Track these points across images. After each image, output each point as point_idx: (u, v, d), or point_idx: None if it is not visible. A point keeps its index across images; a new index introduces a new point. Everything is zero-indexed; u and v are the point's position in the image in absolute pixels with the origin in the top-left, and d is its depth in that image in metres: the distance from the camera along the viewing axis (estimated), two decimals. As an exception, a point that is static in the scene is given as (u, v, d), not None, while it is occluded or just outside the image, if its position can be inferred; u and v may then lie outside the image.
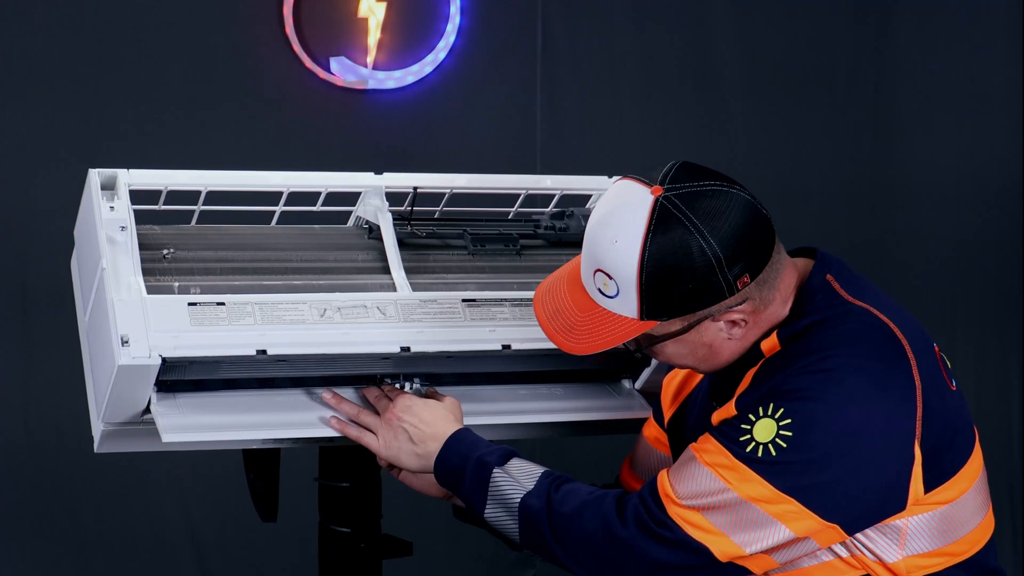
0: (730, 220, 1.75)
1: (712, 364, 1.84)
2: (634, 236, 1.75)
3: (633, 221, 1.76)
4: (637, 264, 1.74)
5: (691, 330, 1.78)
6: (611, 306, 1.79)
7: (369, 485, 2.12)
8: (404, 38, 3.97)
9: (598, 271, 1.79)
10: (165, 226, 2.03)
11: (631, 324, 1.78)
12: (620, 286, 1.76)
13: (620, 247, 1.75)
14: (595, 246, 1.79)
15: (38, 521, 3.76)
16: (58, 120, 3.71)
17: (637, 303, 1.76)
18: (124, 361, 1.83)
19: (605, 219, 1.79)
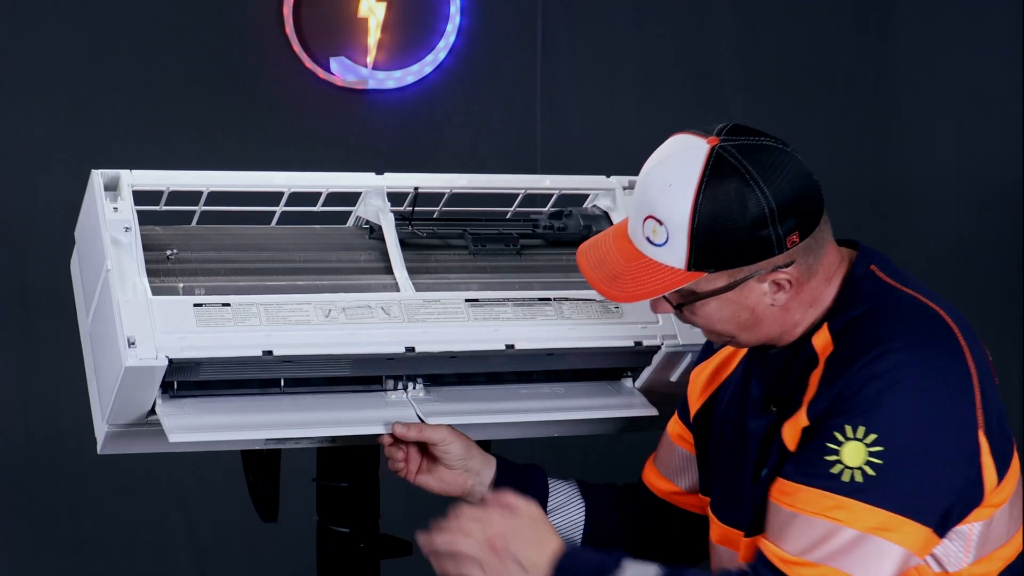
0: (785, 175, 1.74)
1: (752, 334, 1.81)
2: (688, 181, 1.73)
3: (689, 167, 1.74)
4: (690, 209, 1.72)
5: (736, 288, 1.75)
6: (658, 255, 1.76)
7: (367, 485, 2.12)
8: (404, 38, 3.97)
9: (648, 218, 1.76)
10: (167, 227, 2.03)
11: (677, 274, 1.75)
12: (670, 233, 1.73)
13: (674, 191, 1.73)
14: (647, 191, 1.76)
15: (38, 521, 3.76)
16: (58, 120, 3.71)
17: (686, 251, 1.73)
18: (131, 362, 1.83)
19: (660, 166, 1.77)
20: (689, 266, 1.74)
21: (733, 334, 1.82)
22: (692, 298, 1.78)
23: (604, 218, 2.20)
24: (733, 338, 1.83)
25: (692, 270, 1.75)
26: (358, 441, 2.05)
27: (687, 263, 1.74)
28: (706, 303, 1.78)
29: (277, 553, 3.81)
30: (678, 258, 1.74)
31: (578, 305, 2.09)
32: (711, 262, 1.74)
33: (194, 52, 3.81)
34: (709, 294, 1.77)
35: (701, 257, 1.74)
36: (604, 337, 2.08)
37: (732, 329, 1.81)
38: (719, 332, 1.83)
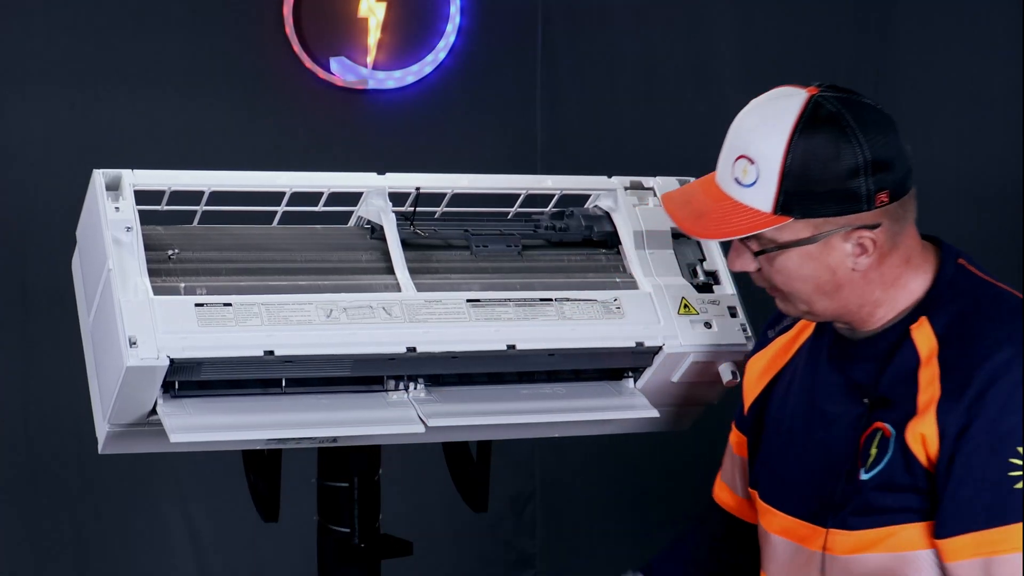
0: (883, 133, 1.73)
1: (830, 302, 1.78)
2: (785, 122, 1.72)
3: (786, 109, 1.73)
4: (784, 148, 1.71)
5: (819, 242, 1.73)
6: (745, 197, 1.75)
7: (368, 485, 2.12)
8: (404, 38, 3.97)
9: (740, 158, 1.75)
10: (168, 227, 2.04)
11: (762, 217, 1.74)
12: (760, 172, 1.72)
13: (768, 130, 1.73)
14: (741, 131, 1.76)
15: (38, 521, 3.76)
16: (58, 120, 3.71)
17: (774, 193, 1.72)
18: (132, 362, 1.83)
19: (756, 108, 1.76)
20: (776, 209, 1.73)
21: (810, 299, 1.79)
22: (774, 247, 1.76)
23: (606, 219, 2.20)
24: (809, 306, 1.80)
25: (778, 214, 1.73)
26: (359, 441, 2.05)
27: (774, 206, 1.73)
28: (788, 256, 1.76)
29: (277, 553, 3.81)
30: (765, 200, 1.73)
31: (579, 305, 2.09)
32: (798, 207, 1.72)
33: (194, 52, 3.81)
34: (792, 244, 1.75)
35: (789, 201, 1.72)
36: (605, 337, 2.08)
37: (810, 291, 1.78)
38: (797, 294, 1.80)
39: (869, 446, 1.78)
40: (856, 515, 1.78)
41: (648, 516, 4.22)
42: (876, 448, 1.78)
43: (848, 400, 1.82)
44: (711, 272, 2.19)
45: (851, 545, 1.78)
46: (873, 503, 1.77)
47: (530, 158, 4.07)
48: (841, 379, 1.84)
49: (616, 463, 4.17)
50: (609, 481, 4.19)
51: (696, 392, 2.18)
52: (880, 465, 1.77)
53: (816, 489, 1.84)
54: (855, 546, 1.78)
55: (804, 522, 1.85)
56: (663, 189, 2.21)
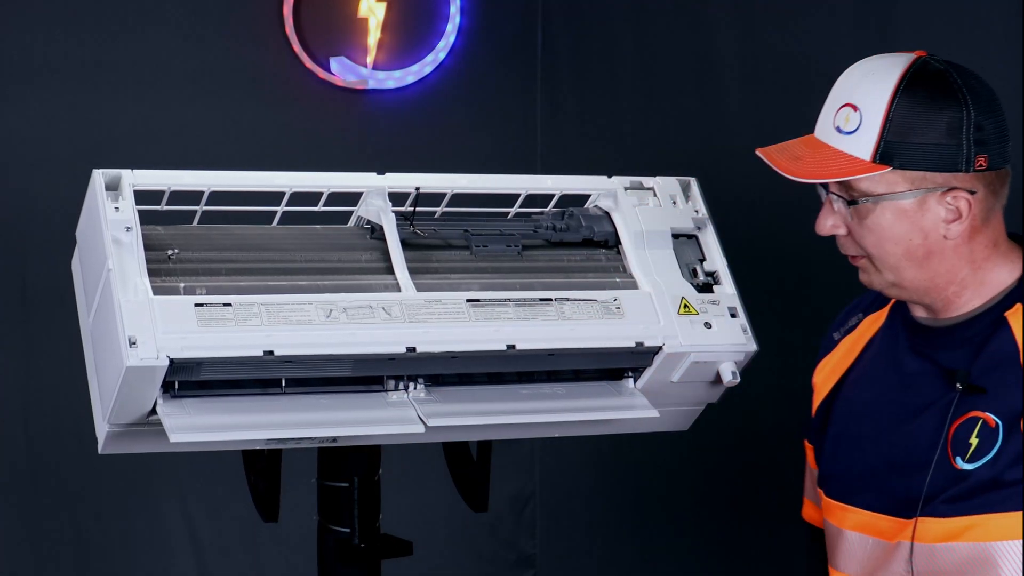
0: (987, 100, 1.74)
1: (918, 271, 1.78)
2: (893, 73, 1.74)
3: (894, 63, 1.75)
4: (890, 95, 1.72)
5: (914, 200, 1.73)
6: (844, 144, 1.76)
7: (368, 485, 2.13)
8: (404, 38, 3.97)
9: (844, 106, 1.76)
10: (168, 227, 2.04)
11: (861, 164, 1.74)
12: (863, 118, 1.73)
13: (876, 79, 1.74)
14: (846, 83, 1.78)
15: (38, 521, 3.76)
16: (58, 120, 3.71)
17: (875, 140, 1.73)
18: (132, 362, 1.83)
19: (863, 63, 1.78)
20: (875, 157, 1.73)
21: (898, 265, 1.78)
22: (868, 199, 1.75)
23: (606, 219, 2.20)
24: (896, 274, 1.79)
25: (877, 162, 1.73)
26: (359, 441, 2.05)
27: (873, 153, 1.73)
28: (881, 211, 1.75)
29: (277, 553, 3.81)
30: (865, 148, 1.74)
31: (579, 305, 2.09)
32: (897, 156, 1.72)
33: (194, 52, 3.81)
34: (887, 197, 1.74)
35: (889, 149, 1.73)
36: (605, 338, 2.08)
37: (900, 255, 1.77)
38: (885, 258, 1.79)
39: (967, 435, 1.77)
40: (953, 503, 1.76)
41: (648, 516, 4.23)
42: (977, 438, 1.76)
43: (937, 387, 1.81)
44: (711, 272, 2.19)
45: (942, 533, 1.77)
46: (977, 493, 1.75)
47: (530, 158, 4.08)
48: (927, 366, 1.83)
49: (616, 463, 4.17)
50: (609, 481, 4.19)
51: (696, 392, 2.18)
52: (988, 456, 1.75)
53: (902, 480, 1.82)
54: (946, 534, 1.76)
55: (885, 515, 1.84)
56: (663, 189, 2.21)
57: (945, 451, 1.78)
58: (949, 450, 1.77)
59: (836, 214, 1.80)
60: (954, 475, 1.77)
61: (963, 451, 1.76)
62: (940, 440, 1.78)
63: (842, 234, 1.81)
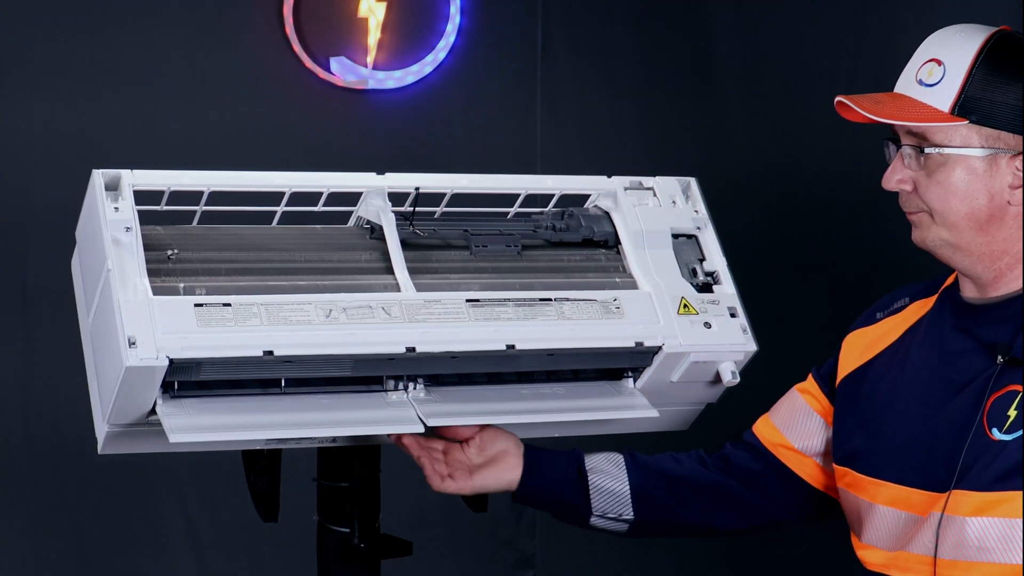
0: None
1: (975, 235, 1.80)
2: (979, 34, 1.80)
3: (979, 28, 1.81)
4: (976, 51, 1.78)
5: (986, 158, 1.76)
6: (925, 96, 1.79)
7: (368, 485, 2.12)
8: (404, 38, 3.97)
9: (929, 61, 1.81)
10: (168, 227, 2.03)
11: (939, 113, 1.78)
12: (947, 71, 1.78)
13: (963, 36, 1.80)
14: (932, 40, 1.83)
15: (38, 521, 3.76)
16: (58, 120, 3.71)
17: (957, 92, 1.77)
18: (132, 362, 1.83)
19: (950, 27, 1.84)
20: (954, 108, 1.77)
21: (959, 225, 1.80)
22: (942, 150, 1.78)
23: (606, 219, 2.20)
24: (954, 235, 1.81)
25: (956, 114, 1.77)
26: (359, 441, 2.05)
27: (953, 105, 1.77)
28: (952, 166, 1.78)
29: (277, 553, 3.81)
30: (946, 99, 1.78)
31: (579, 305, 2.09)
32: (975, 111, 1.76)
33: (194, 52, 3.81)
34: (961, 149, 1.77)
35: (968, 102, 1.76)
36: (605, 337, 2.07)
37: (963, 215, 1.79)
38: (948, 215, 1.81)
39: (1005, 407, 1.79)
40: (987, 478, 1.77)
41: (648, 516, 4.22)
42: (1016, 410, 1.78)
43: (979, 361, 1.83)
44: (711, 272, 2.19)
45: (974, 506, 1.78)
46: (1013, 471, 1.76)
47: (530, 158, 4.07)
48: (970, 343, 1.84)
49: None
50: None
51: (696, 392, 2.18)
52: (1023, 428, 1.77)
53: (940, 454, 1.83)
54: (977, 508, 1.77)
55: (920, 490, 1.85)
56: (663, 189, 2.21)
57: (981, 422, 1.79)
58: (985, 421, 1.79)
59: (904, 169, 1.84)
60: (989, 445, 1.78)
61: (1000, 423, 1.78)
62: (978, 412, 1.80)
63: (906, 189, 1.85)
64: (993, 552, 1.76)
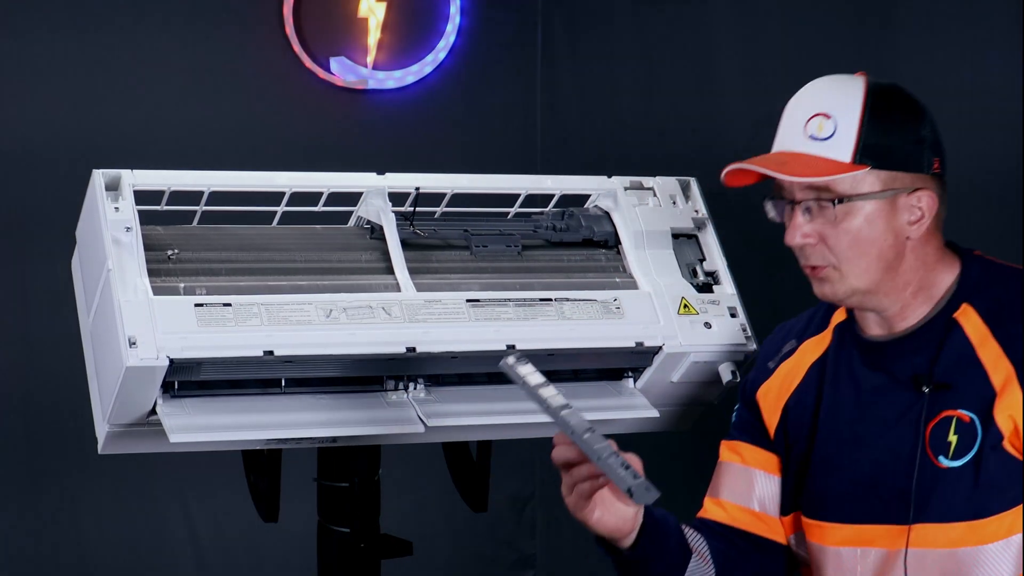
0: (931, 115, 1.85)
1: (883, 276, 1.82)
2: (855, 83, 1.82)
3: (850, 78, 1.84)
4: (862, 99, 1.80)
5: (888, 199, 1.79)
6: (822, 150, 1.81)
7: (368, 485, 2.12)
8: (404, 38, 3.97)
9: (814, 116, 1.82)
10: (168, 227, 2.04)
11: (841, 165, 1.79)
12: (838, 124, 1.80)
13: (842, 90, 1.82)
14: (809, 98, 1.84)
15: (38, 521, 3.76)
16: (58, 120, 3.71)
17: (855, 140, 1.79)
18: (132, 362, 1.83)
19: (818, 81, 1.87)
20: (855, 157, 1.79)
21: (868, 270, 1.82)
22: (850, 199, 1.80)
23: (606, 218, 2.20)
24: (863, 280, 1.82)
25: (857, 162, 1.79)
26: (359, 441, 2.05)
27: (853, 154, 1.79)
28: (858, 212, 1.80)
29: (277, 553, 3.81)
30: (845, 150, 1.79)
31: (579, 305, 2.09)
32: (874, 156, 1.79)
33: (194, 52, 3.81)
34: (868, 196, 1.79)
35: (867, 149, 1.79)
36: (605, 338, 2.08)
37: (873, 257, 1.81)
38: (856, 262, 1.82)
39: (944, 434, 1.81)
40: (951, 505, 1.79)
41: (648, 516, 4.22)
42: (955, 435, 1.80)
43: (902, 395, 1.84)
44: (711, 272, 2.19)
45: (939, 539, 1.79)
46: (969, 498, 1.78)
47: (530, 158, 4.07)
48: (885, 379, 1.86)
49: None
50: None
51: (696, 392, 2.18)
52: (972, 452, 1.79)
53: (890, 487, 1.84)
54: (944, 540, 1.79)
55: (875, 525, 1.85)
56: (663, 189, 2.21)
57: (925, 453, 1.81)
58: (929, 451, 1.81)
59: (806, 224, 1.84)
60: (939, 473, 1.80)
61: (944, 450, 1.81)
62: (919, 444, 1.81)
63: (811, 243, 1.84)
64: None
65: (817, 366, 1.94)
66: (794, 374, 1.96)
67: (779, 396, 1.97)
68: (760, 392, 1.99)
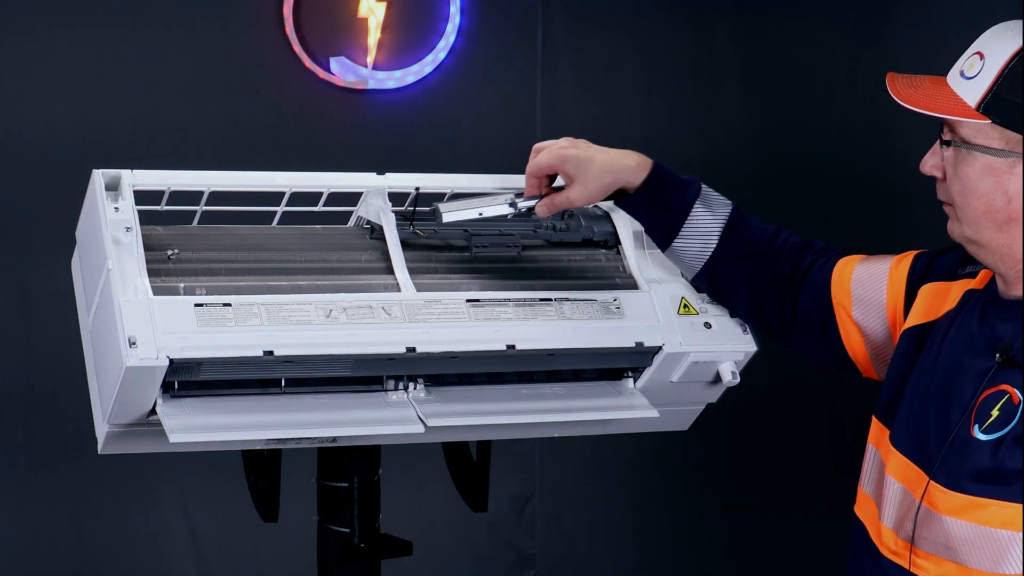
0: None
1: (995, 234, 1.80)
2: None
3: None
4: (1014, 51, 1.76)
5: (1007, 159, 1.76)
6: (960, 87, 1.79)
7: (368, 485, 2.13)
8: (404, 38, 3.97)
9: (975, 53, 1.80)
10: (168, 227, 2.04)
11: (965, 108, 1.78)
12: (984, 67, 1.77)
13: (1011, 34, 1.77)
14: (989, 33, 1.81)
15: (38, 521, 3.76)
16: (58, 120, 3.71)
17: (986, 88, 1.76)
18: (132, 362, 1.83)
19: (1015, 21, 1.81)
20: (980, 105, 1.77)
21: (978, 222, 1.80)
22: (964, 146, 1.78)
23: (606, 219, 2.20)
24: (975, 231, 1.81)
25: (980, 111, 1.77)
26: (359, 441, 2.05)
27: (980, 101, 1.76)
28: (973, 162, 1.78)
29: (277, 553, 3.81)
30: (975, 94, 1.77)
31: (579, 305, 2.09)
32: (1000, 111, 1.76)
33: (194, 52, 3.81)
34: (980, 148, 1.77)
35: (994, 102, 1.76)
36: (605, 338, 2.08)
37: (981, 212, 1.79)
38: (967, 212, 1.81)
39: (991, 406, 1.78)
40: (962, 475, 1.77)
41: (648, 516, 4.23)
42: (999, 411, 1.77)
43: (983, 353, 1.82)
44: (711, 272, 2.19)
45: (949, 507, 1.77)
46: (986, 467, 1.76)
47: (530, 158, 4.07)
48: (986, 332, 1.84)
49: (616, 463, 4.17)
50: (609, 481, 4.19)
51: (696, 392, 2.18)
52: (1003, 430, 1.76)
53: (933, 434, 1.83)
54: (950, 508, 1.77)
55: (913, 463, 1.84)
56: (663, 189, 2.21)
57: (968, 417, 1.79)
58: (972, 416, 1.79)
59: (938, 156, 1.84)
60: (968, 441, 1.78)
61: (983, 420, 1.78)
62: (969, 406, 1.80)
63: (938, 176, 1.85)
64: (960, 554, 1.76)
65: (966, 298, 1.92)
66: (956, 297, 1.94)
67: (933, 307, 1.95)
68: (928, 288, 1.97)
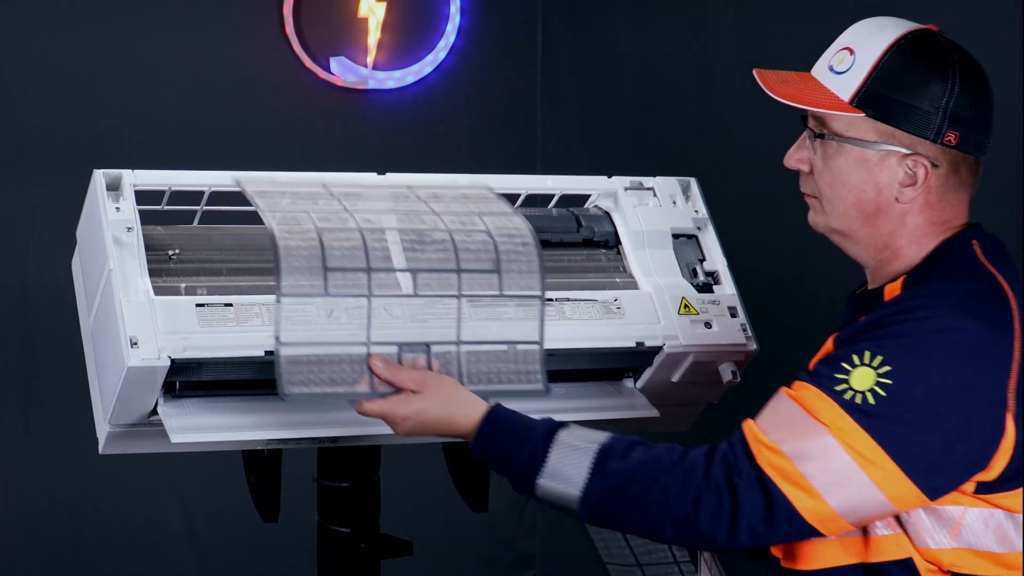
0: (977, 88, 1.81)
1: (861, 225, 1.81)
2: (897, 29, 1.80)
3: (904, 23, 1.82)
4: (886, 46, 1.78)
5: (878, 152, 1.78)
6: (831, 82, 1.81)
7: (368, 485, 2.13)
8: (404, 38, 3.98)
9: (843, 49, 1.82)
10: (169, 227, 2.04)
11: (838, 101, 1.80)
12: (855, 62, 1.79)
13: (879, 30, 1.80)
14: (853, 29, 1.84)
15: (38, 521, 3.76)
16: (58, 120, 3.71)
17: (860, 83, 1.78)
18: (133, 363, 1.84)
19: (878, 18, 1.84)
20: (854, 99, 1.79)
21: (846, 213, 1.82)
22: (837, 138, 1.80)
23: (606, 219, 2.20)
24: (842, 222, 1.83)
25: (854, 105, 1.79)
26: (359, 441, 2.05)
27: (853, 96, 1.79)
28: (844, 154, 1.80)
29: (277, 553, 3.81)
30: (848, 88, 1.79)
31: (579, 305, 2.09)
32: (874, 105, 1.78)
33: (194, 52, 3.81)
34: (853, 141, 1.79)
35: (867, 96, 1.78)
36: (605, 338, 2.08)
37: (850, 203, 1.81)
38: (836, 203, 1.83)
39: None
40: None
41: (648, 516, 4.22)
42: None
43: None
44: (711, 272, 2.19)
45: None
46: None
47: (530, 158, 4.07)
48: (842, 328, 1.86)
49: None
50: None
51: (696, 392, 2.18)
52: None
53: None
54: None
55: None
56: (663, 189, 2.22)
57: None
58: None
59: (805, 150, 1.86)
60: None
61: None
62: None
63: (805, 171, 1.87)
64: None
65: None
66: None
67: None
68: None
